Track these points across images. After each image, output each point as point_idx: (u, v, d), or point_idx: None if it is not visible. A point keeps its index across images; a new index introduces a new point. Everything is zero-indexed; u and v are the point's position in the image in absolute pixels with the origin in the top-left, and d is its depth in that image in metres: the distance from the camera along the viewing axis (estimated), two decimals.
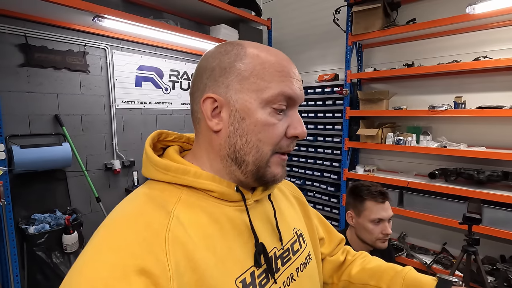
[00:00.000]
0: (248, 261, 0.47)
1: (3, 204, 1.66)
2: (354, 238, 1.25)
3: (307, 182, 3.23)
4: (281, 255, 0.55)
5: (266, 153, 0.49)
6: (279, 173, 0.51)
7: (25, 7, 1.99)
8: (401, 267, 0.71)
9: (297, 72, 0.52)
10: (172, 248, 0.40)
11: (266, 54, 0.49)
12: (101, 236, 0.40)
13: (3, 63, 2.03)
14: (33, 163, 2.06)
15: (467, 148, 2.20)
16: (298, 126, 0.50)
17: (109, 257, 0.37)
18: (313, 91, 3.08)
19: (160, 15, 2.78)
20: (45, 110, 2.27)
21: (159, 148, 0.57)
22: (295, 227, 0.63)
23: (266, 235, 0.53)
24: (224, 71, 0.49)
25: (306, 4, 3.30)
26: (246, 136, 0.48)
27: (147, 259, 0.37)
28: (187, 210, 0.46)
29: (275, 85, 0.48)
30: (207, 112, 0.49)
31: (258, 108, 0.48)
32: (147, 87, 2.91)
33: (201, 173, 0.49)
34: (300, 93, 0.51)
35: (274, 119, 0.48)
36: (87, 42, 2.45)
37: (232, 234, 0.48)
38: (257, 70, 0.48)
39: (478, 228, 2.08)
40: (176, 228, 0.42)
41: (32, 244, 1.96)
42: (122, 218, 0.43)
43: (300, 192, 0.76)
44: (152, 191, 0.48)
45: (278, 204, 0.62)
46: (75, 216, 2.21)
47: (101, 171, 2.64)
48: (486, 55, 2.16)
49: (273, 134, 0.48)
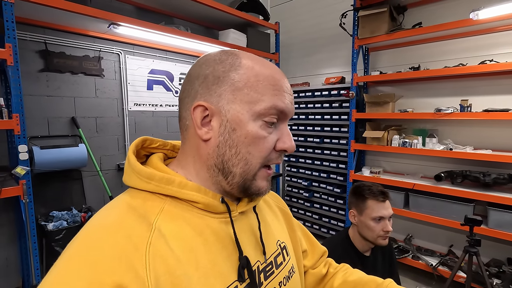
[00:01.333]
0: (231, 276, 0.46)
1: (25, 201, 1.76)
2: (357, 236, 1.30)
3: (313, 183, 3.28)
4: (264, 269, 0.54)
5: (255, 166, 0.48)
6: (264, 187, 0.51)
7: (45, 15, 2.10)
8: (381, 280, 0.71)
9: (289, 86, 0.52)
10: (153, 263, 0.38)
11: (260, 67, 0.49)
12: (77, 247, 0.39)
13: (25, 69, 2.15)
14: (52, 163, 2.17)
15: (473, 151, 2.22)
16: (287, 140, 0.50)
17: (85, 271, 0.35)
18: (320, 94, 3.12)
19: (171, 21, 2.88)
20: (62, 112, 2.39)
21: (142, 155, 0.55)
22: (279, 240, 0.62)
23: (250, 248, 0.52)
24: (218, 79, 0.48)
25: (313, 8, 3.35)
26: (235, 148, 0.47)
27: (125, 275, 0.36)
28: (169, 222, 0.44)
29: (268, 98, 0.47)
30: (197, 120, 0.48)
31: (250, 120, 0.47)
32: (158, 90, 3.01)
33: (186, 183, 0.47)
34: (291, 107, 0.51)
35: (264, 132, 0.48)
36: (102, 48, 2.57)
37: (216, 247, 0.46)
38: (251, 82, 0.47)
39: (484, 231, 2.10)
40: (157, 241, 0.41)
41: (51, 240, 2.06)
42: (101, 228, 0.41)
43: (285, 203, 0.75)
44: (134, 200, 0.46)
45: (263, 215, 0.62)
46: (90, 214, 2.32)
47: (114, 171, 2.75)
48: (492, 59, 2.17)
49: (263, 147, 0.48)
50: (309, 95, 3.22)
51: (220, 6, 2.73)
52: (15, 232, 2.13)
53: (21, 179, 1.75)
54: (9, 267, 2.14)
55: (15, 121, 1.70)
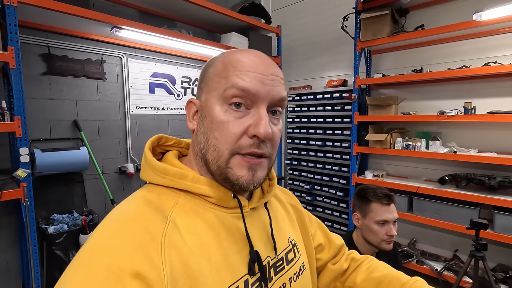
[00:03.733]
0: (242, 269, 0.47)
1: (26, 204, 1.76)
2: (360, 240, 1.28)
3: (316, 186, 3.25)
4: (275, 264, 0.54)
5: (223, 152, 0.47)
6: (243, 176, 0.47)
7: (48, 19, 2.12)
8: (407, 278, 0.68)
9: (270, 70, 0.49)
10: (168, 253, 0.40)
11: (230, 54, 0.50)
12: (98, 237, 0.41)
13: (27, 72, 2.16)
14: (53, 166, 2.17)
15: (478, 154, 2.19)
16: (258, 125, 0.46)
17: (104, 259, 0.37)
18: (322, 97, 3.11)
19: (173, 24, 2.89)
20: (64, 116, 2.39)
21: (158, 152, 0.57)
22: (290, 237, 0.63)
23: (261, 243, 0.53)
24: (202, 77, 0.53)
25: (315, 12, 3.36)
26: (206, 134, 0.48)
27: (142, 262, 0.37)
28: (183, 215, 0.46)
29: (228, 80, 0.47)
30: (187, 114, 0.53)
31: (217, 105, 0.48)
32: (160, 93, 3.02)
33: (198, 178, 0.49)
34: (259, 86, 0.46)
35: (228, 117, 0.47)
36: (104, 51, 2.58)
37: (227, 241, 0.47)
38: (219, 70, 0.49)
39: (489, 235, 2.06)
40: (172, 233, 0.42)
41: (52, 243, 2.05)
42: (120, 220, 0.43)
43: (297, 200, 0.75)
44: (150, 194, 0.48)
45: (275, 212, 0.62)
46: (91, 217, 2.30)
47: (116, 174, 2.74)
48: (496, 60, 2.15)
49: (227, 132, 0.46)
50: (311, 98, 3.21)
51: (222, 9, 2.74)
52: (15, 235, 2.12)
53: (22, 181, 1.75)
54: (10, 270, 2.12)
55: (16, 124, 1.70)
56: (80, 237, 2.16)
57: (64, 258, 2.06)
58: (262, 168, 0.49)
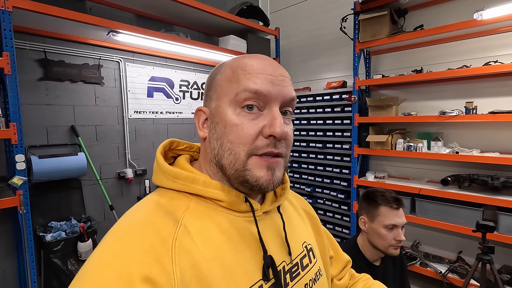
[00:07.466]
0: (256, 275, 0.46)
1: (22, 212, 1.72)
2: (366, 244, 1.25)
3: (317, 189, 3.22)
4: (290, 270, 0.53)
5: (240, 155, 0.47)
6: (262, 176, 0.47)
7: (45, 24, 2.09)
8: None
9: (279, 71, 0.50)
10: (178, 258, 0.39)
11: (241, 60, 0.50)
12: (109, 241, 0.41)
13: (24, 78, 2.13)
14: (51, 173, 2.13)
15: (480, 154, 2.16)
16: (274, 124, 0.46)
17: (115, 263, 0.37)
18: (321, 98, 3.09)
19: (171, 28, 2.87)
20: (62, 121, 2.36)
21: (170, 156, 0.57)
22: (305, 241, 0.61)
23: (275, 248, 0.52)
24: (209, 85, 0.53)
25: (313, 13, 3.35)
26: (220, 139, 0.48)
27: (152, 267, 0.37)
28: (195, 219, 0.45)
29: (240, 84, 0.47)
30: (197, 123, 0.53)
31: (229, 110, 0.48)
32: (158, 97, 2.99)
33: (210, 182, 0.49)
34: (271, 87, 0.47)
35: (242, 119, 0.47)
36: (101, 56, 2.55)
37: (240, 246, 0.47)
38: (228, 75, 0.49)
39: (494, 236, 2.03)
40: (183, 237, 0.42)
41: (49, 252, 2.01)
42: (131, 224, 0.43)
43: (310, 206, 0.74)
44: (161, 198, 0.48)
45: (288, 216, 0.61)
46: (90, 224, 2.27)
47: (114, 180, 2.71)
48: (496, 60, 2.13)
49: (242, 133, 0.46)
50: (310, 100, 3.19)
51: (220, 12, 2.72)
52: (12, 244, 2.08)
53: (18, 189, 1.71)
54: (7, 279, 2.08)
55: (12, 130, 1.67)
56: (78, 245, 2.12)
57: (62, 267, 2.02)
58: (279, 167, 0.49)
